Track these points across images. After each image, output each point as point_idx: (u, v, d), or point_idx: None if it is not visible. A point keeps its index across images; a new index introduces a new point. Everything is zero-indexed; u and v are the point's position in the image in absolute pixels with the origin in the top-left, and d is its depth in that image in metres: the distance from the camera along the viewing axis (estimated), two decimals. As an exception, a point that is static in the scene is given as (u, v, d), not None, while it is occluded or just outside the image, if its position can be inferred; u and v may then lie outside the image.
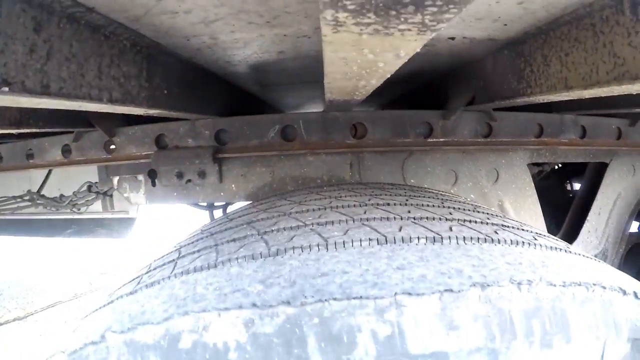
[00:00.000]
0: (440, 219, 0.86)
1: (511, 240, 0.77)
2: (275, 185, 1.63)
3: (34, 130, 1.74)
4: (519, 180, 1.62)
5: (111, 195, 2.13)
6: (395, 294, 0.57)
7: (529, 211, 1.65)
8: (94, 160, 1.93)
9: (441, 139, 1.52)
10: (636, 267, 2.03)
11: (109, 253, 5.92)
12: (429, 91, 1.73)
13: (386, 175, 1.55)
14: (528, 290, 0.60)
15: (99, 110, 1.27)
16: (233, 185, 1.69)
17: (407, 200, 1.00)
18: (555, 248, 0.79)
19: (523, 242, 0.77)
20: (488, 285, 0.60)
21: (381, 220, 0.83)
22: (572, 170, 2.53)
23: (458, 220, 0.87)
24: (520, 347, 0.58)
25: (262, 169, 1.63)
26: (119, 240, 2.82)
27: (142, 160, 1.79)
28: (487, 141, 1.55)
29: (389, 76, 0.90)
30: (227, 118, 1.64)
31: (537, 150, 1.64)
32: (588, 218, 1.76)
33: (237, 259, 0.75)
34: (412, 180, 1.55)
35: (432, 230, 0.77)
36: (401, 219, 0.83)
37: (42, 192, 2.40)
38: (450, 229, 0.80)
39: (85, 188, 2.15)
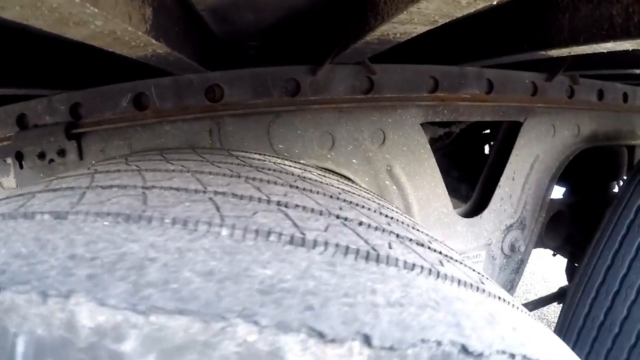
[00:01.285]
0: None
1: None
2: (138, 161, 1.40)
3: None
4: (411, 142, 1.36)
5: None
6: None
7: (425, 176, 1.39)
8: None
9: (311, 98, 1.27)
10: (560, 238, 1.77)
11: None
12: (299, 45, 1.47)
13: (250, 141, 1.29)
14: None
15: None
16: (94, 162, 1.45)
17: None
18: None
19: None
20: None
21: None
22: (493, 132, 2.25)
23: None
24: None
25: (120, 142, 1.39)
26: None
27: (6, 143, 1.57)
28: (368, 97, 1.29)
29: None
30: (82, 91, 1.40)
31: (432, 108, 1.37)
32: (500, 184, 1.49)
33: None
34: (280, 146, 1.29)
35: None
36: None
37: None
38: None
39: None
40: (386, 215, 0.69)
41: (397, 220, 0.69)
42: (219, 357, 0.28)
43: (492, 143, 2.18)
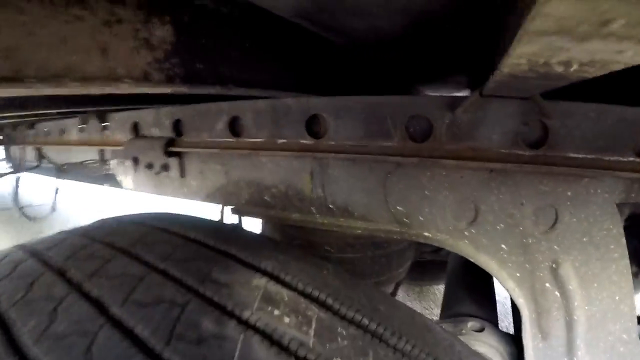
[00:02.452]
0: None
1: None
2: (231, 189, 1.14)
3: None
4: (596, 231, 0.84)
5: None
6: None
7: (608, 285, 0.85)
8: (95, 142, 1.68)
9: (448, 147, 0.86)
10: None
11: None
12: (434, 64, 1.02)
13: (361, 194, 0.93)
14: None
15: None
16: (193, 182, 1.24)
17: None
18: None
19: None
20: None
21: None
22: None
23: None
24: None
25: (217, 166, 1.15)
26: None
27: (121, 147, 1.47)
28: (538, 155, 0.83)
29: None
30: (183, 107, 1.20)
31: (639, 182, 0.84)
32: None
33: None
34: (399, 207, 0.90)
35: None
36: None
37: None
38: None
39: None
40: None
41: None
42: None
43: None
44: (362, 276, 1.28)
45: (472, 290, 1.17)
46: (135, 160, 1.39)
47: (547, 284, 0.85)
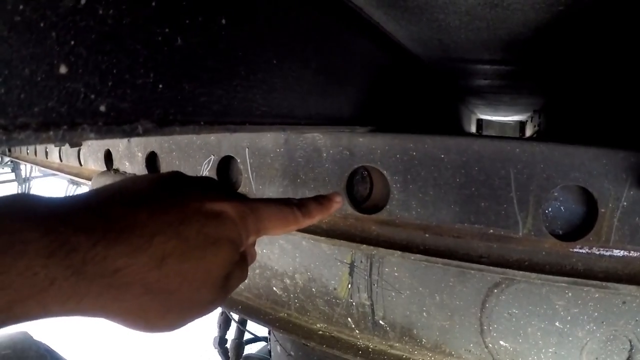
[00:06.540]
0: None
1: None
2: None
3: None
4: None
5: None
6: None
7: None
8: (69, 171, 1.27)
9: (616, 250, 0.42)
10: None
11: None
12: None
13: (438, 313, 0.50)
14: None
15: None
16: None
17: None
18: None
19: None
20: None
21: None
22: None
23: None
24: None
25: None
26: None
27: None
28: None
29: None
30: (159, 137, 0.78)
31: None
32: None
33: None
34: (502, 343, 0.48)
35: None
36: None
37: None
38: None
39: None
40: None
41: None
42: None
43: None
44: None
45: None
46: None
47: None
